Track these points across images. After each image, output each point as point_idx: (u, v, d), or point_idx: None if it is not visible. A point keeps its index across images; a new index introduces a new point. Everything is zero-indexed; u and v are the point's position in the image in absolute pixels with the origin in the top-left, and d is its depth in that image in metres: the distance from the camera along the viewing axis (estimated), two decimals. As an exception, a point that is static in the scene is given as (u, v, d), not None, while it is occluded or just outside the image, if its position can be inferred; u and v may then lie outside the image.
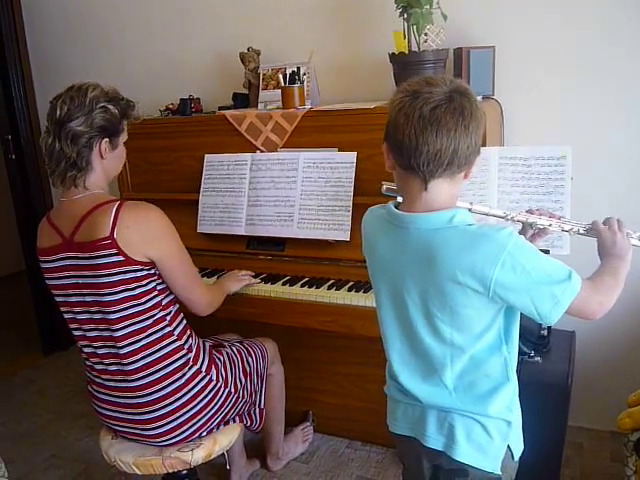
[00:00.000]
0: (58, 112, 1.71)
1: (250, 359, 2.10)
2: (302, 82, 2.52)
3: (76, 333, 1.85)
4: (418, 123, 1.19)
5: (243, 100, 2.83)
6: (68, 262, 1.74)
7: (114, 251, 1.67)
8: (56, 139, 1.72)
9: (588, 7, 2.32)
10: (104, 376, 1.84)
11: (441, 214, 1.25)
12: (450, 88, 1.21)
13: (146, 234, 1.73)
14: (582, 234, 1.47)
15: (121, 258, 1.68)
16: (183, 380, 1.83)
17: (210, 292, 2.02)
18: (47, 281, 1.82)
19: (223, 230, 2.52)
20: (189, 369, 1.84)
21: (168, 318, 1.82)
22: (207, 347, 1.97)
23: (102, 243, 1.67)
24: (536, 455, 2.03)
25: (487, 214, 1.46)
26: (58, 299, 1.83)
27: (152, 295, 1.77)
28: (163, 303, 1.81)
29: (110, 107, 1.76)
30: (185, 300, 1.90)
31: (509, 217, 1.46)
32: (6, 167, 3.59)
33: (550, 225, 1.48)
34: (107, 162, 1.80)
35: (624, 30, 2.29)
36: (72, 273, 1.74)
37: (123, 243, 1.67)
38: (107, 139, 1.77)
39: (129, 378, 1.79)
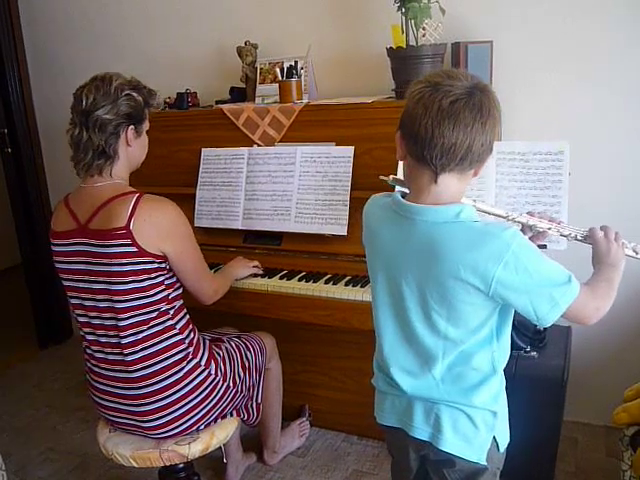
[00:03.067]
0: (84, 102, 1.74)
1: (249, 354, 2.10)
2: (299, 76, 2.51)
3: (81, 319, 1.85)
4: (436, 115, 1.19)
5: (240, 94, 2.83)
6: (80, 248, 1.75)
7: (128, 241, 1.69)
8: (83, 129, 1.75)
9: (587, 2, 2.31)
10: (103, 365, 1.85)
11: (448, 208, 1.26)
12: (471, 83, 1.21)
13: (161, 229, 1.76)
14: (579, 240, 1.48)
15: (134, 249, 1.70)
16: (182, 373, 1.83)
17: (216, 282, 2.06)
18: (56, 264, 1.83)
19: (220, 224, 2.52)
20: (188, 362, 1.85)
21: (171, 312, 1.83)
22: (207, 342, 1.98)
23: (117, 233, 1.69)
24: (531, 449, 2.06)
25: (489, 212, 1.46)
26: (66, 283, 1.84)
27: (160, 289, 1.79)
28: (169, 298, 1.83)
29: (134, 94, 1.80)
30: (192, 291, 1.94)
31: (510, 217, 1.46)
32: (2, 161, 3.57)
33: (549, 229, 1.48)
34: (132, 150, 1.84)
35: (623, 25, 2.29)
36: (83, 259, 1.75)
37: (138, 235, 1.70)
38: (133, 126, 1.80)
39: (128, 369, 1.79)
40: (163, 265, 1.78)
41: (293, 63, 2.51)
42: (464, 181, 1.28)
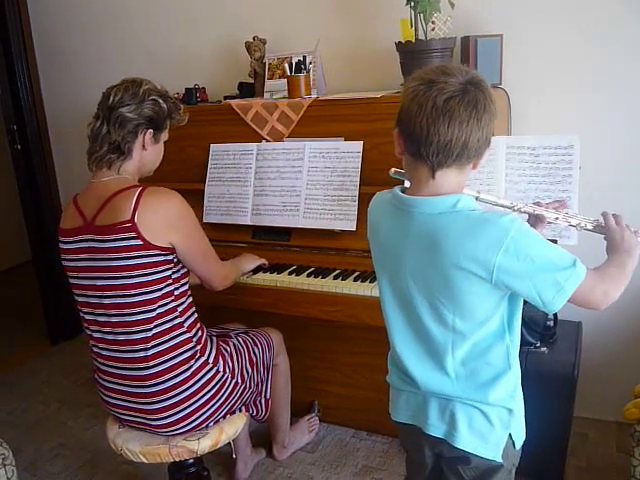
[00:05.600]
0: (111, 99, 1.79)
1: (256, 349, 2.10)
2: (308, 71, 2.50)
3: (88, 317, 1.85)
4: (431, 113, 1.19)
5: (249, 89, 2.83)
6: (85, 244, 1.76)
7: (133, 235, 1.69)
8: (104, 123, 1.79)
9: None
10: (110, 363, 1.85)
11: (445, 199, 1.25)
12: (466, 79, 1.21)
13: (166, 219, 1.76)
14: (589, 230, 1.46)
15: (140, 242, 1.70)
16: (190, 372, 1.83)
17: (226, 267, 2.07)
18: (63, 262, 1.85)
19: (229, 220, 2.52)
20: (196, 361, 1.85)
21: (180, 309, 1.83)
22: (214, 338, 1.98)
23: (122, 226, 1.69)
24: (542, 445, 2.04)
25: (494, 204, 1.45)
26: (72, 281, 1.85)
27: (166, 283, 1.78)
28: (175, 293, 1.82)
29: (160, 101, 1.85)
30: (203, 277, 1.94)
31: (516, 208, 1.46)
32: (12, 157, 3.58)
33: (557, 219, 1.47)
34: (146, 154, 1.87)
35: (634, 23, 2.27)
36: (87, 256, 1.76)
37: (143, 227, 1.70)
38: (152, 130, 1.84)
39: (138, 366, 1.80)
40: (170, 257, 1.78)
41: (301, 58, 2.51)
42: (463, 174, 1.28)
